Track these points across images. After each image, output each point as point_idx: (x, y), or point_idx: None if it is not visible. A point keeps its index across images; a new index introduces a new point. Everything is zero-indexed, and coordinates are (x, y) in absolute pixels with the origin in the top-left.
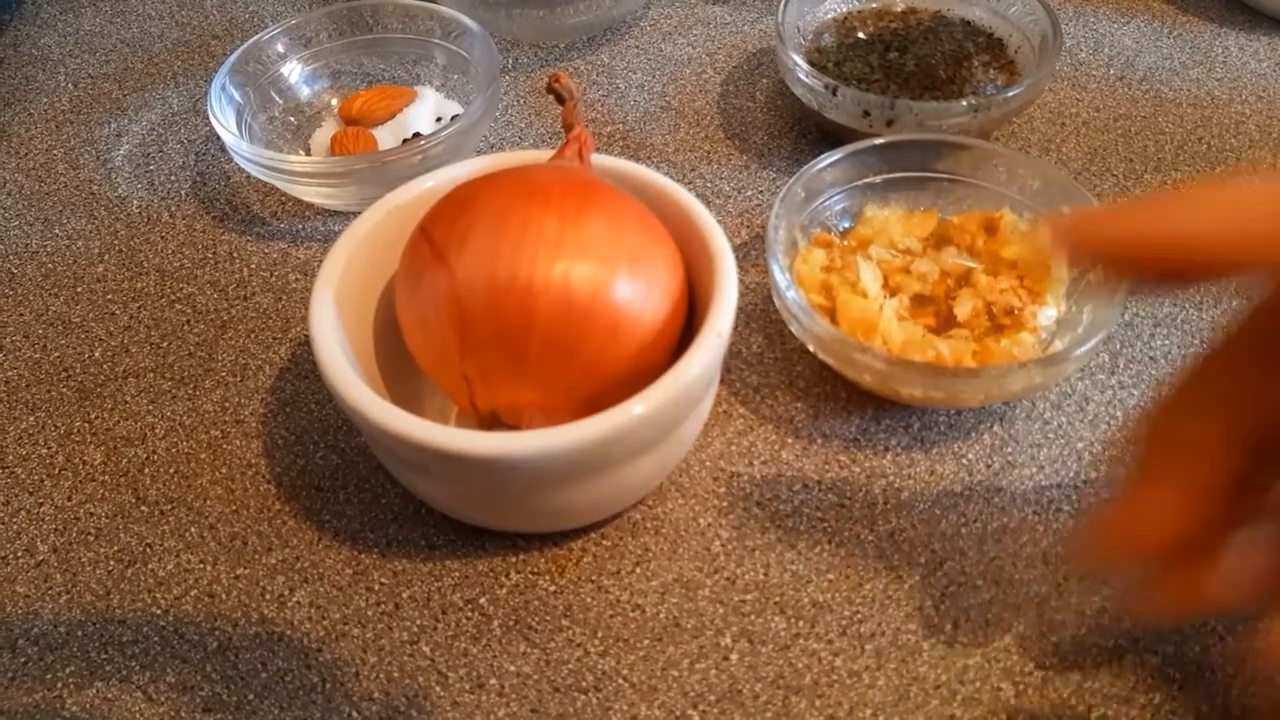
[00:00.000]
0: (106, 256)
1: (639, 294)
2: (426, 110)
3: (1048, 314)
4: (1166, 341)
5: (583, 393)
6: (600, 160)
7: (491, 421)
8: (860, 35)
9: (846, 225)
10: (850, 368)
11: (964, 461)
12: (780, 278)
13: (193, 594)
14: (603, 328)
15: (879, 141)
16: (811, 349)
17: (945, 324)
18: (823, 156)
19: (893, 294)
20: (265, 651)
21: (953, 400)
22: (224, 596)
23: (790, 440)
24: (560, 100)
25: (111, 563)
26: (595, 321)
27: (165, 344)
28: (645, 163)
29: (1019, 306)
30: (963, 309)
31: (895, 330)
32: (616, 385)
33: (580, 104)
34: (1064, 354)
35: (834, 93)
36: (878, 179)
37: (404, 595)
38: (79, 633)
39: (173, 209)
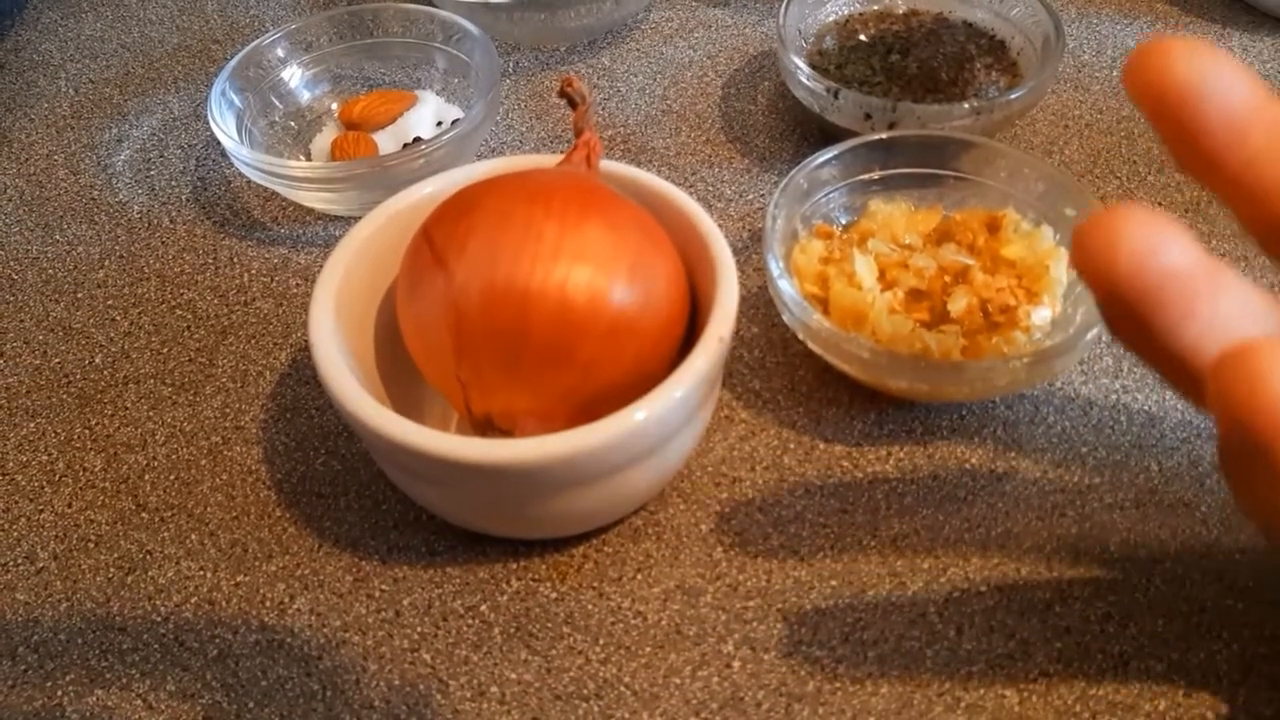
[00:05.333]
0: (107, 262)
1: (638, 302)
2: (427, 114)
3: (1042, 314)
4: None
5: (578, 399)
6: (601, 165)
7: (486, 426)
8: (862, 38)
9: (850, 219)
10: (838, 357)
11: (967, 466)
12: (774, 266)
13: (193, 601)
14: (599, 334)
15: (884, 136)
16: (802, 338)
17: (939, 319)
18: (828, 149)
19: (889, 287)
20: (265, 659)
21: (938, 394)
22: (224, 604)
23: (792, 445)
24: (572, 105)
25: (112, 570)
26: (591, 328)
27: (166, 350)
28: (646, 166)
29: (1014, 305)
30: (956, 305)
31: (885, 322)
32: (614, 392)
33: (592, 109)
34: (1051, 351)
35: (835, 96)
36: (882, 174)
37: (404, 602)
38: (79, 640)
39: (173, 214)
